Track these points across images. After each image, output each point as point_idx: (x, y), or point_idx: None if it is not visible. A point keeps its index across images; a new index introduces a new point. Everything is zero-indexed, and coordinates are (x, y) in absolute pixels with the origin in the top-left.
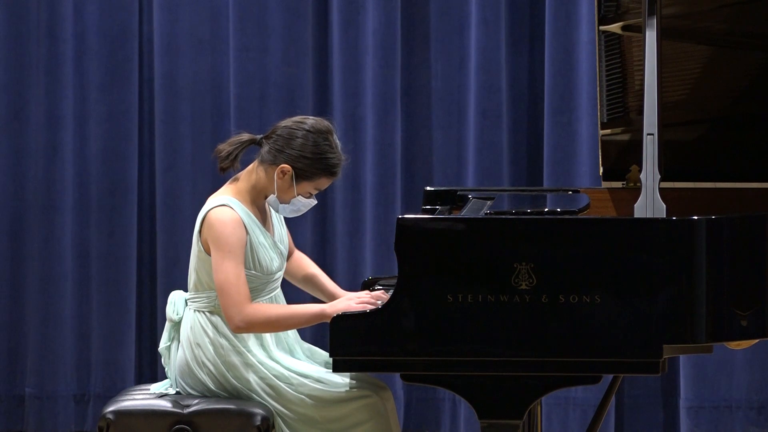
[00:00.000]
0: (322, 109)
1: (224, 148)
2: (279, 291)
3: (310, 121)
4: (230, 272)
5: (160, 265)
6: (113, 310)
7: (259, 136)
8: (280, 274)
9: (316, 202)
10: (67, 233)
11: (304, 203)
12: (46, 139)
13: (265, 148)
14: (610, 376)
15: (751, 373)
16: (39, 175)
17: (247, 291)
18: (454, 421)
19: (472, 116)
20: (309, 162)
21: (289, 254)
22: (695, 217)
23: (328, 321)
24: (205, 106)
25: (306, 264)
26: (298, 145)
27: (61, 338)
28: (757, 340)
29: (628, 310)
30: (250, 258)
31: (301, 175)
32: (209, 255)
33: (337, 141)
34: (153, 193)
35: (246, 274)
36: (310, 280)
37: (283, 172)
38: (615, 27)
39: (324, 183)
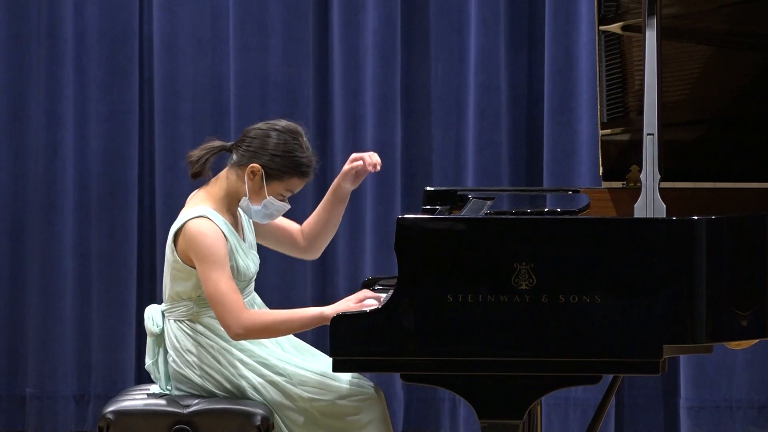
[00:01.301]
0: (322, 109)
1: (195, 153)
2: (254, 293)
3: (280, 123)
4: (220, 282)
5: (160, 265)
6: (113, 310)
7: (229, 143)
8: (254, 277)
9: (289, 206)
10: (67, 233)
11: (276, 206)
12: (46, 139)
13: (236, 153)
14: (610, 376)
15: (751, 373)
16: (39, 175)
17: (241, 298)
18: (454, 421)
19: (471, 116)
20: (279, 161)
21: (299, 233)
22: (695, 217)
23: (327, 323)
24: (205, 106)
25: (306, 227)
26: (267, 145)
27: (61, 338)
28: (757, 340)
29: (628, 310)
30: (229, 266)
31: (271, 174)
32: (186, 264)
33: (308, 144)
34: (153, 193)
35: None
36: (310, 235)
37: (254, 173)
38: (615, 27)
39: (295, 184)
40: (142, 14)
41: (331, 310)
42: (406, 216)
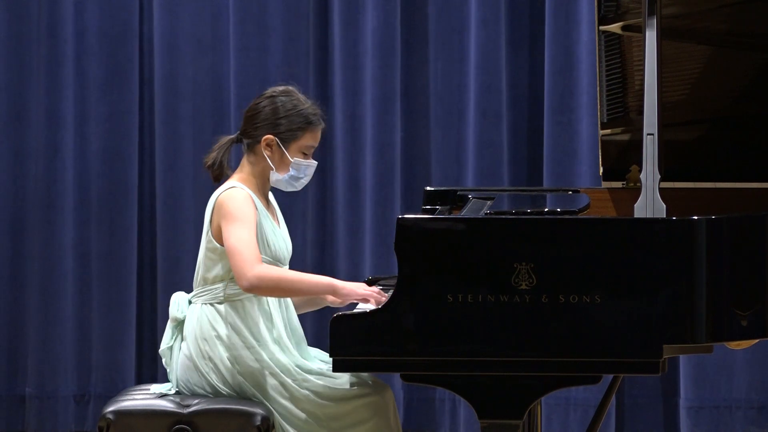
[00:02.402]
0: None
1: (209, 156)
2: None
3: (274, 90)
4: (242, 235)
5: (160, 265)
6: (113, 310)
7: (235, 134)
8: (285, 262)
9: (315, 163)
10: (67, 233)
11: (305, 165)
12: (46, 139)
13: (245, 138)
14: (610, 376)
15: (751, 373)
16: (39, 175)
17: (258, 253)
18: (453, 421)
19: (471, 116)
20: (286, 121)
21: None
22: (695, 217)
23: (336, 297)
24: (205, 106)
25: None
26: (268, 113)
27: (61, 338)
28: (757, 340)
29: (628, 310)
30: (259, 238)
31: (285, 138)
32: (219, 243)
33: (305, 97)
34: (153, 193)
35: None
36: None
37: (268, 144)
38: (615, 27)
39: (311, 137)
40: (142, 14)
41: (343, 286)
42: (406, 216)
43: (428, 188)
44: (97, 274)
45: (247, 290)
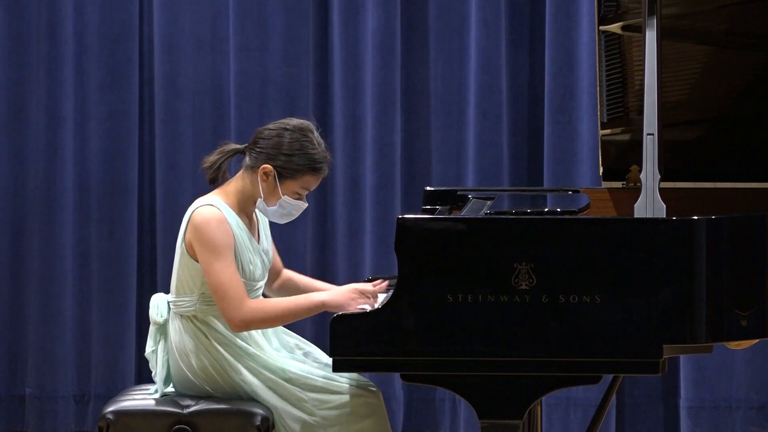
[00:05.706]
0: (321, 109)
1: (210, 159)
2: (261, 297)
3: (291, 121)
4: (222, 273)
5: (160, 265)
6: (113, 310)
7: (243, 146)
8: (262, 284)
9: (306, 204)
10: (67, 233)
11: (293, 205)
12: (46, 139)
13: (249, 156)
14: (610, 376)
15: (751, 373)
16: (39, 175)
17: (243, 289)
18: (453, 421)
19: (472, 116)
20: (290, 159)
21: (278, 273)
22: (695, 217)
23: (329, 310)
24: (205, 106)
25: (287, 276)
26: (277, 144)
27: (61, 338)
28: (757, 340)
29: (628, 310)
30: (233, 257)
31: (284, 174)
32: (192, 258)
33: (320, 139)
34: (153, 193)
35: None
36: (284, 284)
37: (266, 173)
38: (615, 27)
39: (310, 181)
40: (142, 14)
41: (331, 299)
42: (406, 216)
43: (428, 188)
44: (97, 274)
45: (236, 332)
